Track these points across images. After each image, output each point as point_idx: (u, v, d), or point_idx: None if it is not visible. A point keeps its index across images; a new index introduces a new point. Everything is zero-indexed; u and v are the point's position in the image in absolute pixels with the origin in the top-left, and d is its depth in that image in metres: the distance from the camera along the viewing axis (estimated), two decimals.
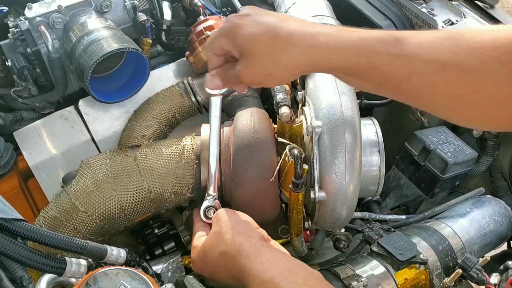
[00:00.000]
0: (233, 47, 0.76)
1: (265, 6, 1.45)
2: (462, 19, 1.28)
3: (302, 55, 0.72)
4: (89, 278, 0.65)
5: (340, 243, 1.09)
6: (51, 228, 0.99)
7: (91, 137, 1.14)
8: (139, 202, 1.01)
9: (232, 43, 0.76)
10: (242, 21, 0.75)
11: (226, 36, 0.77)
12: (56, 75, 1.13)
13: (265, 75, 0.76)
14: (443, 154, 1.19)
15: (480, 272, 0.97)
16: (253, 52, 0.74)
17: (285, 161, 0.93)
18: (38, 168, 1.12)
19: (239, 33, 0.75)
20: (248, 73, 0.76)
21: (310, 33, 0.72)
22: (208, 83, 0.83)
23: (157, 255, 1.11)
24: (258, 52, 0.74)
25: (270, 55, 0.73)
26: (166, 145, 1.05)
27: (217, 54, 0.81)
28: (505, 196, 1.34)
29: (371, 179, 1.01)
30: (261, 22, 0.74)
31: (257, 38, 0.73)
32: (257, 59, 0.74)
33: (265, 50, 0.73)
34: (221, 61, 0.82)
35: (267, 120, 1.03)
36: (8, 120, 1.13)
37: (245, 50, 0.75)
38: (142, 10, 1.23)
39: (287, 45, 0.72)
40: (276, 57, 0.73)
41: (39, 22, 1.09)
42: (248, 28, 0.74)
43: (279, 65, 0.73)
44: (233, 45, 0.76)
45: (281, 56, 0.72)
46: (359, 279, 0.92)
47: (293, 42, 0.72)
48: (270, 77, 0.76)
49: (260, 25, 0.74)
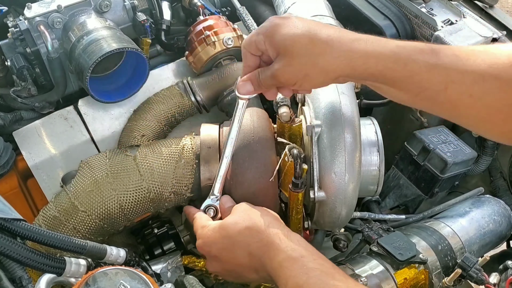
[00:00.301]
0: (270, 46, 0.76)
1: (265, 6, 1.45)
2: (461, 19, 1.28)
3: (340, 58, 0.72)
4: (89, 278, 0.65)
5: (339, 243, 1.09)
6: (51, 227, 0.99)
7: (91, 137, 1.14)
8: (139, 201, 1.01)
9: (271, 41, 0.76)
10: (282, 21, 0.76)
11: (265, 34, 0.77)
12: (56, 75, 1.13)
13: (302, 76, 0.75)
14: (443, 154, 1.19)
15: (480, 271, 0.97)
16: (292, 51, 0.74)
17: (284, 161, 0.93)
18: (38, 168, 1.12)
19: (279, 31, 0.75)
20: (286, 72, 0.76)
21: (349, 38, 0.73)
22: (240, 88, 0.83)
23: (157, 255, 1.11)
24: (297, 52, 0.74)
25: (309, 56, 0.73)
26: (165, 145, 1.05)
27: (253, 52, 0.81)
28: (504, 196, 1.34)
29: (370, 179, 1.01)
30: (302, 24, 0.75)
31: (296, 38, 0.74)
32: (296, 58, 0.74)
33: (304, 51, 0.73)
34: (255, 62, 0.82)
35: (266, 120, 1.03)
36: (7, 120, 1.13)
37: (283, 49, 0.75)
38: (141, 10, 1.23)
39: (326, 46, 0.72)
40: (315, 58, 0.73)
41: (38, 22, 1.09)
42: (288, 28, 0.75)
43: (316, 66, 0.74)
44: (271, 44, 0.76)
45: (319, 57, 0.73)
46: (359, 279, 0.92)
47: (332, 45, 0.72)
48: (306, 78, 0.76)
49: (300, 26, 0.75)
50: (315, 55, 0.73)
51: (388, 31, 1.28)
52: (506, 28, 1.26)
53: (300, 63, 0.74)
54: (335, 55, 0.72)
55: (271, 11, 1.41)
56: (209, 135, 1.03)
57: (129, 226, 1.09)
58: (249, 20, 1.25)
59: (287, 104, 1.00)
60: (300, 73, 0.75)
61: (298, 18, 0.78)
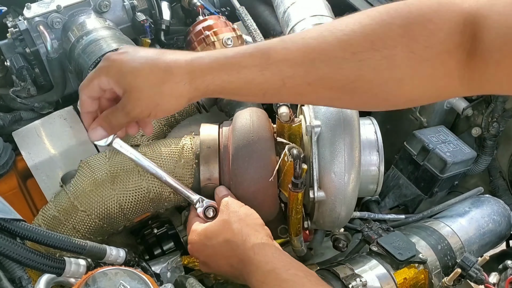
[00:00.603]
0: (114, 84, 0.76)
1: (264, 6, 1.45)
2: None
3: (182, 82, 0.73)
4: (88, 278, 0.65)
5: (339, 242, 1.09)
6: (50, 227, 0.99)
7: None
8: (139, 201, 1.01)
9: (113, 80, 0.76)
10: (120, 57, 0.76)
11: (106, 74, 0.76)
12: (55, 75, 1.13)
13: (153, 106, 0.76)
14: (442, 153, 1.19)
15: (479, 271, 0.97)
16: (136, 85, 0.74)
17: (284, 161, 0.93)
18: (37, 168, 1.12)
19: (119, 69, 0.75)
20: (136, 106, 0.76)
21: (185, 60, 0.74)
22: (92, 136, 0.81)
23: (156, 255, 1.11)
24: (141, 85, 0.74)
25: (153, 86, 0.74)
26: (165, 145, 1.05)
27: (93, 96, 0.79)
28: (504, 196, 1.35)
29: (370, 179, 1.01)
30: (139, 56, 0.75)
31: (137, 72, 0.74)
32: (142, 91, 0.74)
33: (148, 82, 0.74)
34: (94, 106, 0.81)
35: (266, 119, 1.03)
36: (7, 120, 1.13)
37: (128, 86, 0.75)
38: (141, 10, 1.23)
39: (166, 74, 0.73)
40: (159, 87, 0.74)
41: (38, 22, 1.09)
42: (127, 63, 0.75)
43: (163, 94, 0.74)
44: (114, 82, 0.76)
45: (163, 86, 0.74)
46: (358, 279, 0.92)
47: (171, 71, 0.73)
48: (158, 107, 0.76)
49: (138, 59, 0.75)
50: (158, 85, 0.74)
51: None
52: None
53: (148, 95, 0.75)
54: (176, 80, 0.73)
55: (271, 11, 1.41)
56: (208, 135, 1.03)
57: (129, 226, 1.09)
58: (249, 20, 1.25)
59: (286, 104, 1.00)
60: (151, 104, 0.75)
61: (135, 50, 0.78)
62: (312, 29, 0.79)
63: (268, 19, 1.42)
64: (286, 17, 1.23)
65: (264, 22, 1.42)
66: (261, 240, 0.79)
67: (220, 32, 1.17)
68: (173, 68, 0.74)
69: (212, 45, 1.16)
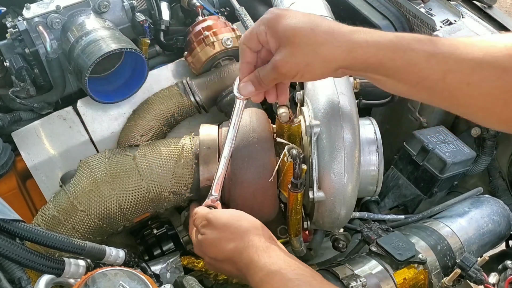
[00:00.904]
0: (272, 37, 0.77)
1: (263, 6, 1.45)
2: (460, 19, 1.28)
3: (341, 48, 0.73)
4: (88, 279, 0.65)
5: (339, 243, 1.09)
6: (50, 227, 0.99)
7: (90, 137, 1.14)
8: (138, 201, 1.01)
9: (272, 32, 0.76)
10: (283, 12, 0.77)
11: (267, 25, 0.77)
12: (55, 76, 1.13)
13: (304, 65, 0.76)
14: (442, 154, 1.19)
15: (479, 271, 0.97)
16: (294, 41, 0.75)
17: (283, 161, 0.93)
18: (37, 169, 1.12)
19: (280, 22, 0.76)
20: (287, 62, 0.76)
21: (349, 29, 0.74)
22: (242, 90, 0.83)
23: (156, 256, 1.11)
24: (298, 41, 0.74)
25: (311, 45, 0.74)
26: (165, 145, 1.05)
27: (252, 47, 0.81)
28: (503, 196, 1.34)
29: (369, 179, 1.01)
30: (302, 15, 0.76)
31: (298, 28, 0.74)
32: (298, 47, 0.75)
33: (306, 40, 0.74)
34: (253, 58, 0.82)
35: (265, 120, 1.03)
36: (6, 120, 1.12)
37: (285, 40, 0.75)
38: (140, 10, 1.23)
39: (327, 36, 0.73)
40: (317, 47, 0.74)
41: (37, 22, 1.09)
42: (290, 19, 0.75)
43: (318, 55, 0.74)
44: (273, 35, 0.76)
45: (321, 47, 0.73)
46: (358, 279, 0.92)
47: (333, 35, 0.73)
48: (308, 68, 0.76)
49: (301, 17, 0.76)
50: (317, 44, 0.74)
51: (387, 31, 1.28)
52: (504, 28, 1.26)
53: (302, 52, 0.75)
54: (336, 44, 0.73)
55: None
56: (208, 135, 1.03)
57: (128, 226, 1.09)
58: (248, 21, 1.25)
59: (286, 105, 1.00)
60: (302, 62, 0.76)
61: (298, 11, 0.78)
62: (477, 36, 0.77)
63: None
64: None
65: None
66: (264, 243, 0.79)
67: (220, 33, 1.17)
68: (335, 33, 0.73)
69: (211, 46, 1.16)
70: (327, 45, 0.73)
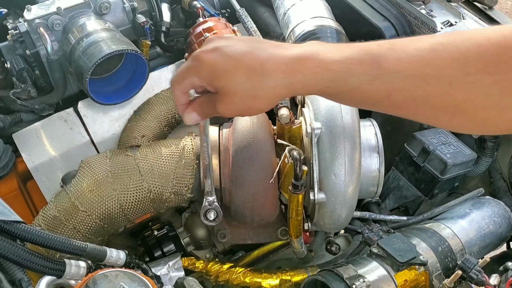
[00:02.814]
0: (207, 84, 0.74)
1: (264, 7, 1.45)
2: (461, 20, 1.28)
3: (279, 87, 0.71)
4: (89, 280, 0.65)
5: (332, 246, 1.09)
6: (51, 227, 0.99)
7: (90, 139, 1.14)
8: (139, 201, 1.01)
9: (205, 80, 0.74)
10: (211, 58, 0.73)
11: (197, 74, 0.74)
12: (55, 77, 1.13)
13: (246, 109, 0.75)
14: (443, 155, 1.19)
15: (480, 273, 0.97)
16: (229, 89, 0.72)
17: (284, 162, 0.93)
18: (37, 170, 1.12)
19: (211, 71, 0.73)
20: (229, 109, 0.75)
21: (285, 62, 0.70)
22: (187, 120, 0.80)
23: (157, 257, 1.11)
24: (234, 89, 0.72)
25: (247, 90, 0.72)
26: (166, 145, 1.05)
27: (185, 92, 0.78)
28: (504, 197, 1.34)
29: (370, 180, 1.01)
30: (232, 56, 0.72)
31: (230, 75, 0.72)
32: (235, 95, 0.73)
33: (241, 86, 0.72)
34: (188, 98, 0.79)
35: (266, 121, 1.03)
36: (7, 122, 1.13)
37: (220, 88, 0.73)
38: (141, 12, 1.23)
39: (262, 78, 0.71)
40: (254, 91, 0.72)
41: (38, 24, 1.09)
42: (219, 65, 0.72)
43: (257, 98, 0.73)
44: (207, 83, 0.74)
45: (258, 90, 0.72)
46: (362, 279, 0.92)
47: (268, 75, 0.70)
48: (251, 110, 0.75)
49: (231, 60, 0.72)
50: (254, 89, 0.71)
51: (388, 33, 1.28)
52: None
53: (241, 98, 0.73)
54: (272, 84, 0.71)
55: (271, 13, 1.41)
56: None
57: (129, 227, 1.09)
58: (249, 22, 1.25)
59: (286, 106, 1.00)
60: (243, 107, 0.74)
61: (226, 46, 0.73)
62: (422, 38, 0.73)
63: (268, 20, 1.42)
64: (286, 18, 1.23)
65: (264, 23, 1.42)
66: None
67: (220, 34, 1.17)
68: (271, 72, 0.70)
69: None
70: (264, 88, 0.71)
